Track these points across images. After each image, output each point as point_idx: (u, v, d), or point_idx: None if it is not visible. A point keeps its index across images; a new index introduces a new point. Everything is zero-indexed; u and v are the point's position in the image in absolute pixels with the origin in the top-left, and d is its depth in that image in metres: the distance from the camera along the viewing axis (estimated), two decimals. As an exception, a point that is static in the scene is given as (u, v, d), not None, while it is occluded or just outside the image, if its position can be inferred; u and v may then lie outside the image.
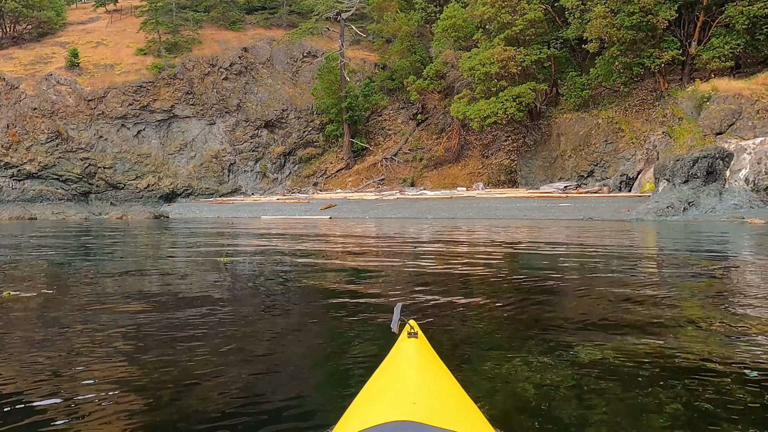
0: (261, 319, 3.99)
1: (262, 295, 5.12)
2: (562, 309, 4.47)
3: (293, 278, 6.17)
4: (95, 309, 4.27)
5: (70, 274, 6.64)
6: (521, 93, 29.52)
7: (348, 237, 14.34)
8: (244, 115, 40.98)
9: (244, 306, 4.52)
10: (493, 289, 5.35)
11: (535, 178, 30.92)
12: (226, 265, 6.69)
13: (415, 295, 4.93)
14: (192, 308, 4.30)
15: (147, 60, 40.86)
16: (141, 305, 4.41)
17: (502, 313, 4.11)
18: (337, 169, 39.78)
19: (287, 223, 23.25)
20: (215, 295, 5.06)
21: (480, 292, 5.20)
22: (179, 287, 5.56)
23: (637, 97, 29.02)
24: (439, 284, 5.73)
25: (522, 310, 4.22)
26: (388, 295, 4.87)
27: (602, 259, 8.15)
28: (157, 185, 39.50)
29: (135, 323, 3.77)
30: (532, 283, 5.79)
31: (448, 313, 4.16)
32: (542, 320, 3.94)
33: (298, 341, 3.35)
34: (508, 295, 4.99)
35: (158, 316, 3.99)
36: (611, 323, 3.76)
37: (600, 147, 28.81)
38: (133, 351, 3.09)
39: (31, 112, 38.67)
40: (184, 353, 2.99)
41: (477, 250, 9.94)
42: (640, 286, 5.38)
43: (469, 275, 6.42)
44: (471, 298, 4.82)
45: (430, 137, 37.87)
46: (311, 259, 8.50)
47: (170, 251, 9.81)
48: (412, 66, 37.92)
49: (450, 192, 31.98)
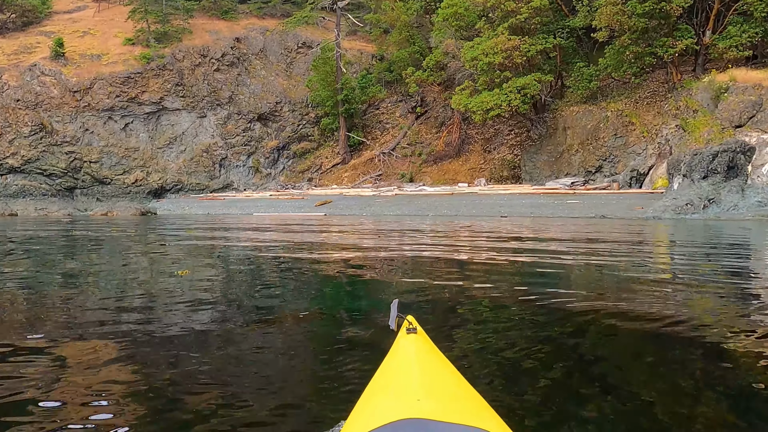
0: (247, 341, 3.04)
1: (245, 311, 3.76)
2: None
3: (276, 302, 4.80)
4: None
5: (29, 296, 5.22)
6: (526, 84, 28.17)
7: (344, 238, 12.92)
8: (236, 108, 39.50)
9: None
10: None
11: (540, 174, 29.57)
12: (182, 279, 5.32)
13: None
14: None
15: (135, 50, 39.32)
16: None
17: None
18: (332, 164, 38.35)
19: (280, 221, 21.84)
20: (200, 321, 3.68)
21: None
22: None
23: (648, 88, 27.68)
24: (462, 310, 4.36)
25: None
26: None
27: (644, 271, 6.76)
28: (146, 180, 37.98)
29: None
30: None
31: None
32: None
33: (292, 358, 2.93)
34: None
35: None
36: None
37: (609, 141, 27.47)
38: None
39: (14, 104, 37.10)
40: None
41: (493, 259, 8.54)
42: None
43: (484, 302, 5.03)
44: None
45: (429, 131, 36.45)
46: (302, 266, 7.11)
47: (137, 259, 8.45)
48: (411, 57, 36.48)
49: (451, 188, 30.61)
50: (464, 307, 4.05)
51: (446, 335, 3.15)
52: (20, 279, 5.58)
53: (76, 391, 2.31)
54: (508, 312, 3.86)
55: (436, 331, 3.12)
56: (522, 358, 2.72)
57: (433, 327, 3.22)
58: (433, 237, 11.81)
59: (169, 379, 2.48)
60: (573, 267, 6.71)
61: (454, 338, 3.13)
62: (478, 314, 3.81)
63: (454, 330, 3.32)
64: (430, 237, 11.94)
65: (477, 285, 5.13)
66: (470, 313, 3.84)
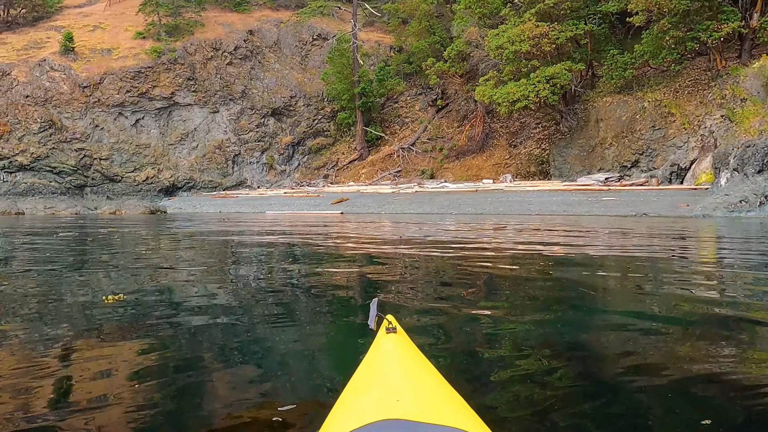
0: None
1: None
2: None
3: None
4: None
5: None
6: (555, 74, 26.37)
7: (362, 241, 11.34)
8: (250, 103, 38.16)
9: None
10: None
11: (571, 169, 27.71)
12: (113, 306, 3.75)
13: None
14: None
15: (146, 44, 38.20)
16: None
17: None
18: (349, 161, 36.83)
19: (294, 220, 20.35)
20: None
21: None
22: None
23: (689, 76, 25.67)
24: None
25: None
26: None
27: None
28: (157, 178, 36.83)
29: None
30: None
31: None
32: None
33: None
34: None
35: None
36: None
37: (646, 134, 25.53)
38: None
39: (24, 100, 36.19)
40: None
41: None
42: None
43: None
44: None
45: (451, 125, 34.70)
46: (315, 277, 5.55)
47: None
48: (431, 48, 34.81)
49: (474, 185, 28.90)
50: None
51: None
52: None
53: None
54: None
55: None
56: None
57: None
58: (482, 249, 10.16)
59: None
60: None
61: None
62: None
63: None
64: (476, 249, 10.30)
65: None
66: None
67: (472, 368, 2.46)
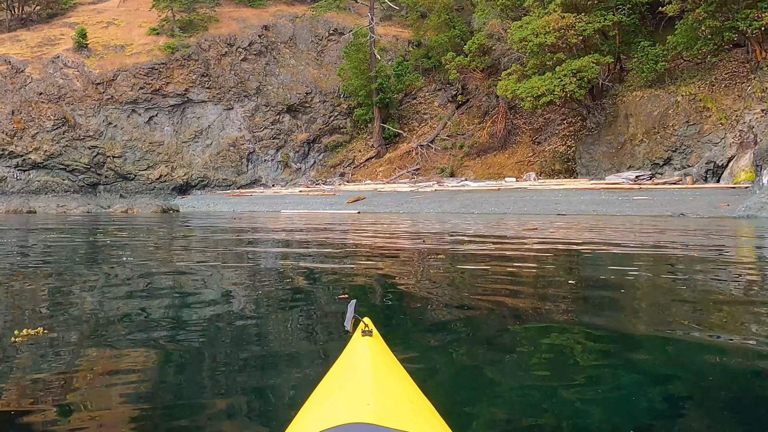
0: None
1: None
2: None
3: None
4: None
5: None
6: (583, 67, 25.16)
7: (380, 248, 10.33)
8: (265, 100, 37.35)
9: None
10: None
11: (599, 167, 26.46)
12: (19, 346, 2.68)
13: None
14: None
15: (159, 40, 37.59)
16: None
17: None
18: (366, 158, 35.84)
19: (309, 219, 19.42)
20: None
21: None
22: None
23: (725, 69, 24.27)
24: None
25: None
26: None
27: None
28: (170, 176, 36.19)
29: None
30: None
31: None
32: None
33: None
34: None
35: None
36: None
37: (679, 129, 24.18)
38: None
39: (37, 97, 35.78)
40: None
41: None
42: None
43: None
44: None
45: (471, 121, 33.53)
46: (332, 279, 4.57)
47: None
48: (450, 42, 33.67)
49: (497, 183, 27.76)
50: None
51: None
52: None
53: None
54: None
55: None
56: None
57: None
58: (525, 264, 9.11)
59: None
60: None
61: None
62: None
63: None
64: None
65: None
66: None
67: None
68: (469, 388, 2.20)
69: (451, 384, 2.25)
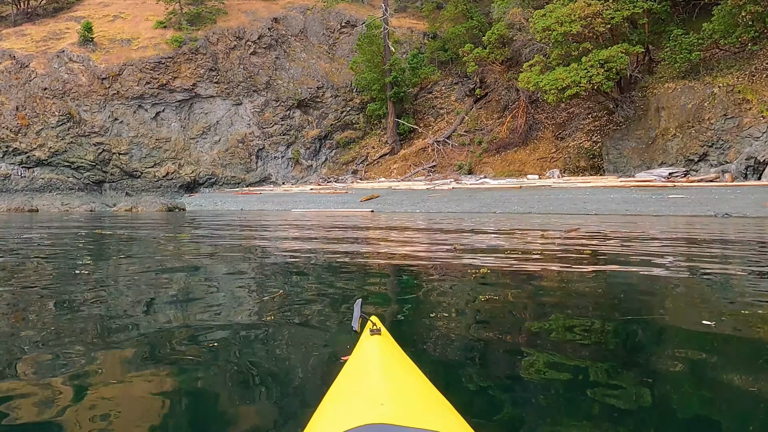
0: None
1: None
2: None
3: None
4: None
5: None
6: (611, 57, 23.69)
7: (402, 254, 9.00)
8: (275, 94, 36.13)
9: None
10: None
11: (627, 164, 24.93)
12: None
13: None
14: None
15: (167, 33, 36.47)
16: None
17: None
18: (380, 155, 34.51)
19: (320, 219, 18.15)
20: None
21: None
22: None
23: (766, 58, 22.65)
24: None
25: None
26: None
27: None
28: (177, 173, 35.08)
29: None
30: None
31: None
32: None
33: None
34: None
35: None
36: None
37: (716, 123, 22.61)
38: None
39: (42, 93, 34.82)
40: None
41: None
42: None
43: None
44: None
45: (490, 116, 32.07)
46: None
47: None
48: (468, 33, 32.24)
49: (518, 181, 26.33)
50: None
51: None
52: None
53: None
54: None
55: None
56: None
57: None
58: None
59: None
60: None
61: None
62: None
63: None
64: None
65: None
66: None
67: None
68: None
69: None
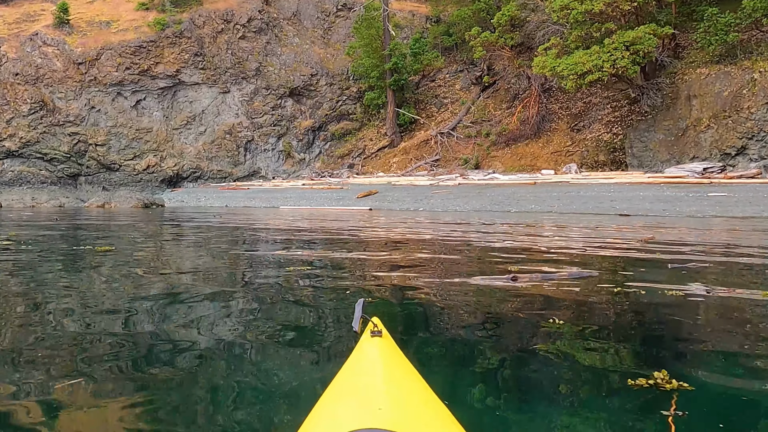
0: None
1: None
2: None
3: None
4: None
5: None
6: (637, 39, 21.29)
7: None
8: (265, 82, 33.66)
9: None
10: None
11: (654, 158, 22.50)
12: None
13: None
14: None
15: (149, 16, 33.97)
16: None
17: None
18: (378, 148, 32.16)
19: (312, 218, 15.65)
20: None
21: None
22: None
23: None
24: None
25: None
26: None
27: None
28: (159, 166, 32.56)
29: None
30: None
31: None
32: None
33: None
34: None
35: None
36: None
37: (757, 113, 20.19)
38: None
39: (13, 78, 32.23)
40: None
41: None
42: None
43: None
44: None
45: (499, 106, 29.61)
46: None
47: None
48: (475, 16, 29.72)
49: (531, 176, 23.88)
50: None
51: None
52: None
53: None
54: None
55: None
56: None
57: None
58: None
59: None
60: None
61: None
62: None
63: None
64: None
65: None
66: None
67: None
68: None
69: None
